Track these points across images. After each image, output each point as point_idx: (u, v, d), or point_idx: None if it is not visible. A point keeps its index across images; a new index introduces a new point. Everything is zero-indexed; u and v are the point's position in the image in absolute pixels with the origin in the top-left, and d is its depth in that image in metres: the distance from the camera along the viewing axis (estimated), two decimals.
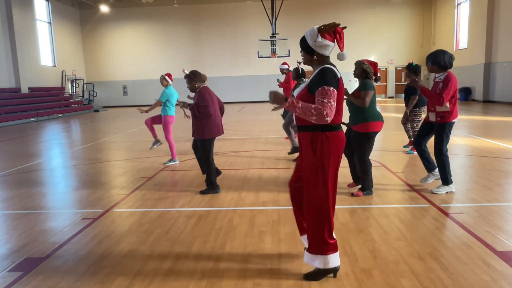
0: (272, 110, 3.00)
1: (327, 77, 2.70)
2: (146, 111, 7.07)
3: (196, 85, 5.33)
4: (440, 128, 4.76)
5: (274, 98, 2.70)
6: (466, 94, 21.71)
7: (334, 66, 2.84)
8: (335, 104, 2.68)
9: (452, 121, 4.73)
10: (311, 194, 2.85)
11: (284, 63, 10.20)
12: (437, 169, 5.08)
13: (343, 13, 25.79)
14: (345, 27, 2.88)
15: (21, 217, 4.57)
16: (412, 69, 7.08)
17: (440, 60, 4.65)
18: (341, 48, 2.86)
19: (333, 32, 2.79)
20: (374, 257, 3.24)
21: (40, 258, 3.43)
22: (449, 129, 4.75)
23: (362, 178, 4.97)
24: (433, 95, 4.63)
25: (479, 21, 20.54)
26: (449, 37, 24.04)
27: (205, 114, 5.12)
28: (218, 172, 5.61)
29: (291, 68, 10.10)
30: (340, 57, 2.84)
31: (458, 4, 23.20)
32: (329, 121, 2.67)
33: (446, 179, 4.88)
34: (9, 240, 3.86)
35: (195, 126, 5.28)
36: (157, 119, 7.33)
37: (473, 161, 6.73)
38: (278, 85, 10.24)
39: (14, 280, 3.05)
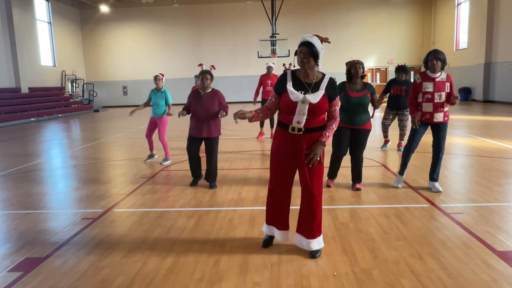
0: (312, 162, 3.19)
1: (337, 88, 3.20)
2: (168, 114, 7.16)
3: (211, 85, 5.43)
4: (444, 127, 4.92)
5: (319, 152, 3.15)
6: (466, 94, 21.70)
7: None
8: None
9: None
10: (318, 183, 3.25)
11: (272, 63, 10.00)
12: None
13: (343, 13, 25.81)
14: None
15: (21, 217, 4.56)
16: (404, 70, 7.67)
17: (445, 60, 4.79)
18: None
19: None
20: (374, 257, 3.24)
21: (40, 258, 3.43)
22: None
23: (360, 171, 5.25)
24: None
25: (479, 21, 20.53)
26: (449, 37, 24.03)
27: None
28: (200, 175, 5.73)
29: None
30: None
31: (458, 4, 23.19)
32: None
33: (438, 175, 5.10)
34: (9, 240, 3.86)
35: (210, 124, 5.34)
36: (153, 126, 7.33)
37: (473, 161, 6.73)
38: (269, 89, 9.90)
39: (14, 280, 3.05)
